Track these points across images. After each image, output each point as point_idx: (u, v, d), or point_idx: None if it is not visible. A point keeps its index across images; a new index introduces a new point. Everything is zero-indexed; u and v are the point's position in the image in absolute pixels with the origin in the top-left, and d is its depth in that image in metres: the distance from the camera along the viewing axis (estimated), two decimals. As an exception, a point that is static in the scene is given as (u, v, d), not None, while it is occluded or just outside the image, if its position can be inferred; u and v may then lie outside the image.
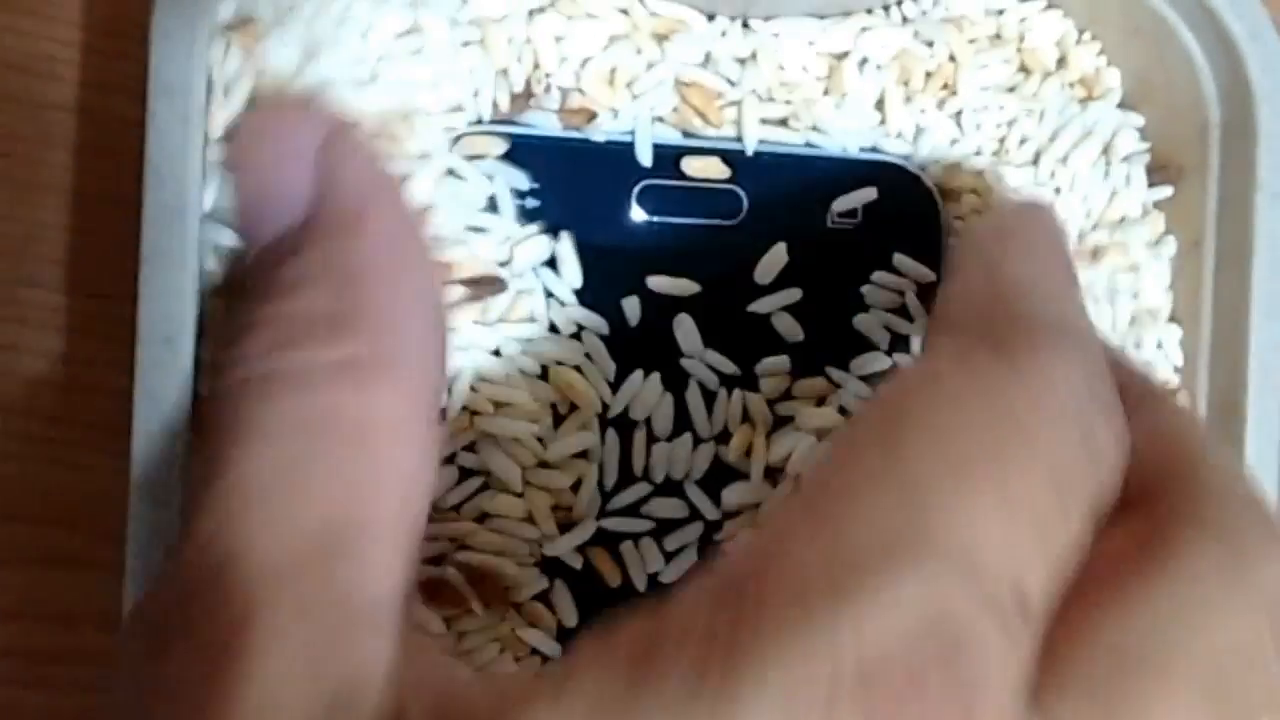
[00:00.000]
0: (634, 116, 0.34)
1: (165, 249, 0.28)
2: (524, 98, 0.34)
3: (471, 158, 0.33)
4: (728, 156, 0.35)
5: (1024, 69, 0.37)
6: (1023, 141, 0.37)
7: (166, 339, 0.28)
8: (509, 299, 0.33)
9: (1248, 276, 0.36)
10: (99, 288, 0.33)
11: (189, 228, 0.28)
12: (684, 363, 0.34)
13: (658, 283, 0.34)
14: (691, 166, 0.35)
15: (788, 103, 0.35)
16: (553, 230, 0.34)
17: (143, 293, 0.28)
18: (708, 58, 0.35)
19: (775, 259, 0.35)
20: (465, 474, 0.33)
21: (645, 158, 0.34)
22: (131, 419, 0.28)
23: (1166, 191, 0.38)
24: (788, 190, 0.35)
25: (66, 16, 0.33)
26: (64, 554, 0.33)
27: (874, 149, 0.36)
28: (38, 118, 0.33)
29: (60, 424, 0.33)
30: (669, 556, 0.34)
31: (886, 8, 0.36)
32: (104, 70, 0.33)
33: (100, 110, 0.33)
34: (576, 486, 0.34)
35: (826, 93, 0.36)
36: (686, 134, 0.35)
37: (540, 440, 0.34)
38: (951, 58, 0.36)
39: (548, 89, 0.34)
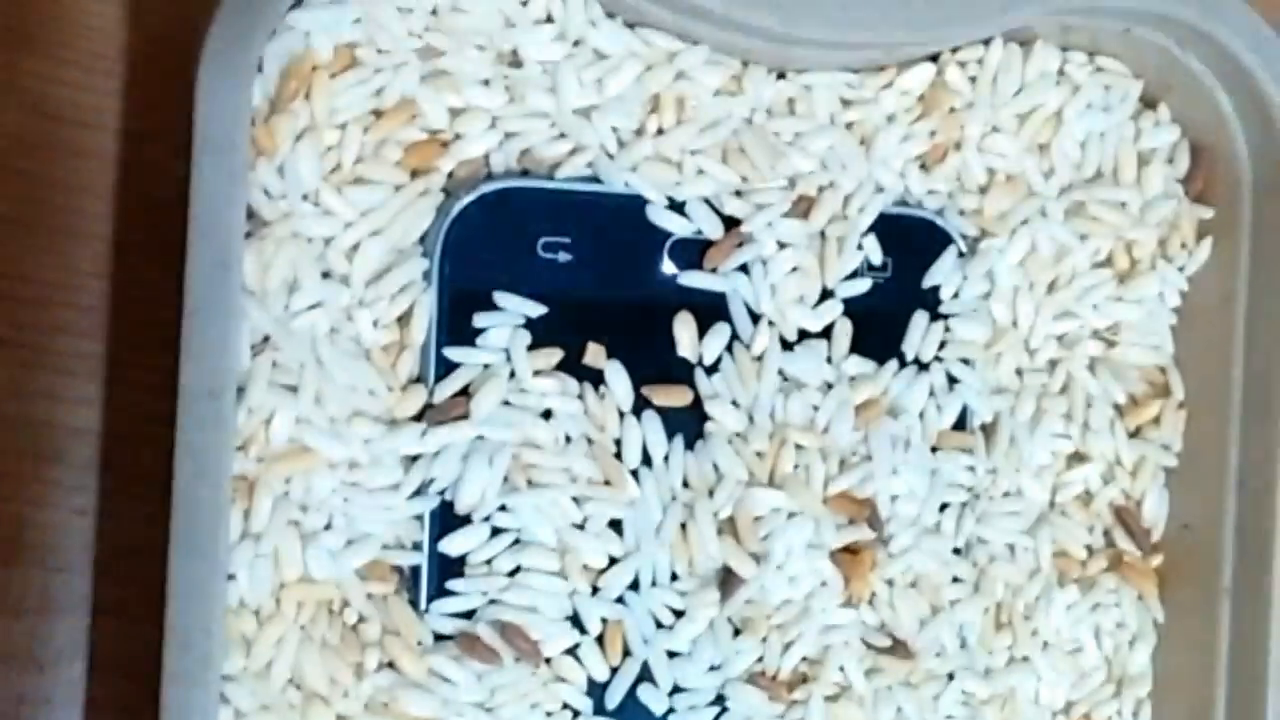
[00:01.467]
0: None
1: (210, 303, 0.28)
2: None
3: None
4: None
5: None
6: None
7: (210, 393, 0.28)
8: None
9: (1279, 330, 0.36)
10: (136, 337, 0.33)
11: (233, 282, 0.28)
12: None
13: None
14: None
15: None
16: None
17: (186, 347, 0.28)
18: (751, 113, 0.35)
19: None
20: (497, 532, 0.33)
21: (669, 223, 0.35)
22: (172, 471, 0.28)
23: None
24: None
25: (105, 67, 0.33)
26: (101, 602, 0.33)
27: (903, 203, 0.36)
28: (76, 167, 0.33)
29: (97, 473, 0.33)
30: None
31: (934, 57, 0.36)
32: (143, 120, 0.33)
33: (139, 160, 0.33)
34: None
35: (862, 143, 0.36)
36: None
37: (576, 502, 0.34)
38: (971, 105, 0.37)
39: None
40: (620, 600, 0.34)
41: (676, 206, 0.35)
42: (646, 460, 0.34)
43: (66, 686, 0.33)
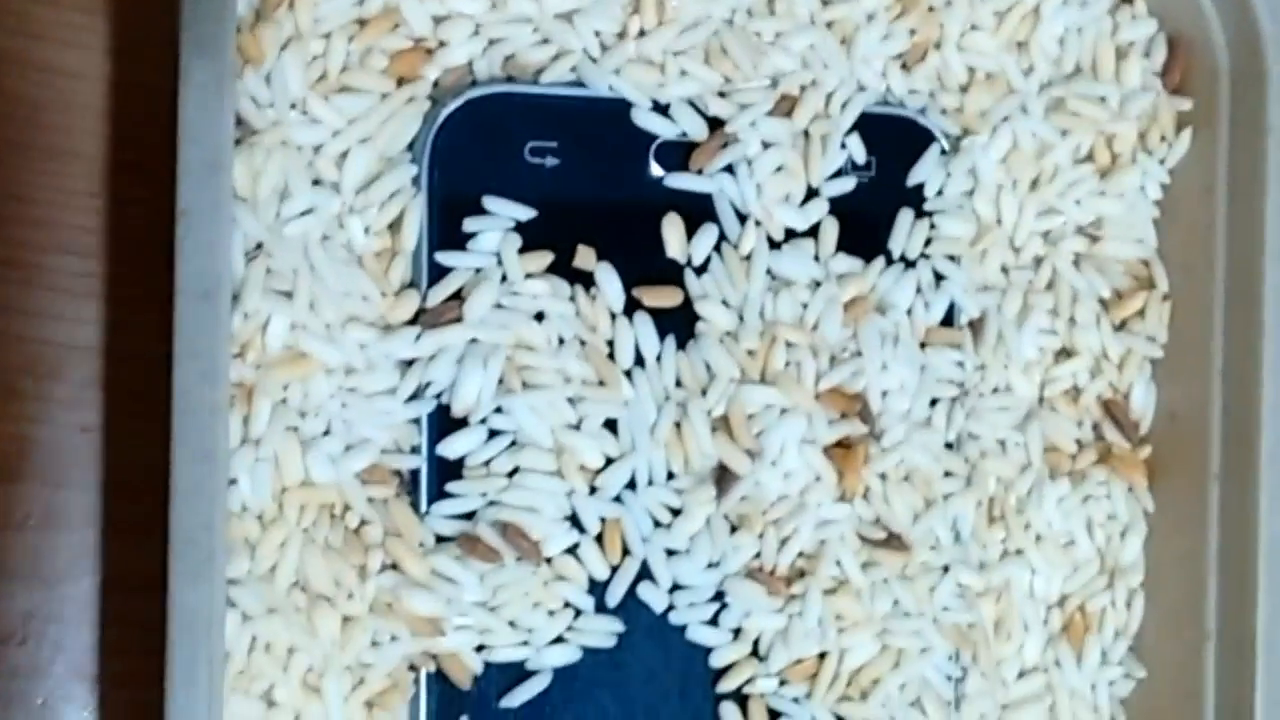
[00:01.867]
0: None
1: (201, 203, 0.28)
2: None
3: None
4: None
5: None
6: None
7: (206, 294, 0.28)
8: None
9: (1261, 221, 0.37)
10: (133, 255, 0.33)
11: (224, 183, 0.28)
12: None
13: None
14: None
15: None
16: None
17: (180, 248, 0.28)
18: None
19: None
20: (494, 434, 0.33)
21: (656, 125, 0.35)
22: (171, 380, 0.29)
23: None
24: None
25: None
26: (109, 518, 0.33)
27: (885, 102, 0.37)
28: (65, 86, 0.33)
29: (99, 390, 0.33)
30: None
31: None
32: (130, 38, 0.33)
33: (128, 79, 0.33)
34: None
35: (843, 42, 0.36)
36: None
37: (571, 403, 0.34)
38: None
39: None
40: (618, 499, 0.34)
41: (661, 109, 0.35)
42: (639, 361, 0.35)
43: (75, 602, 0.34)
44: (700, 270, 0.35)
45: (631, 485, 0.35)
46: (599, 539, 0.34)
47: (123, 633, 0.34)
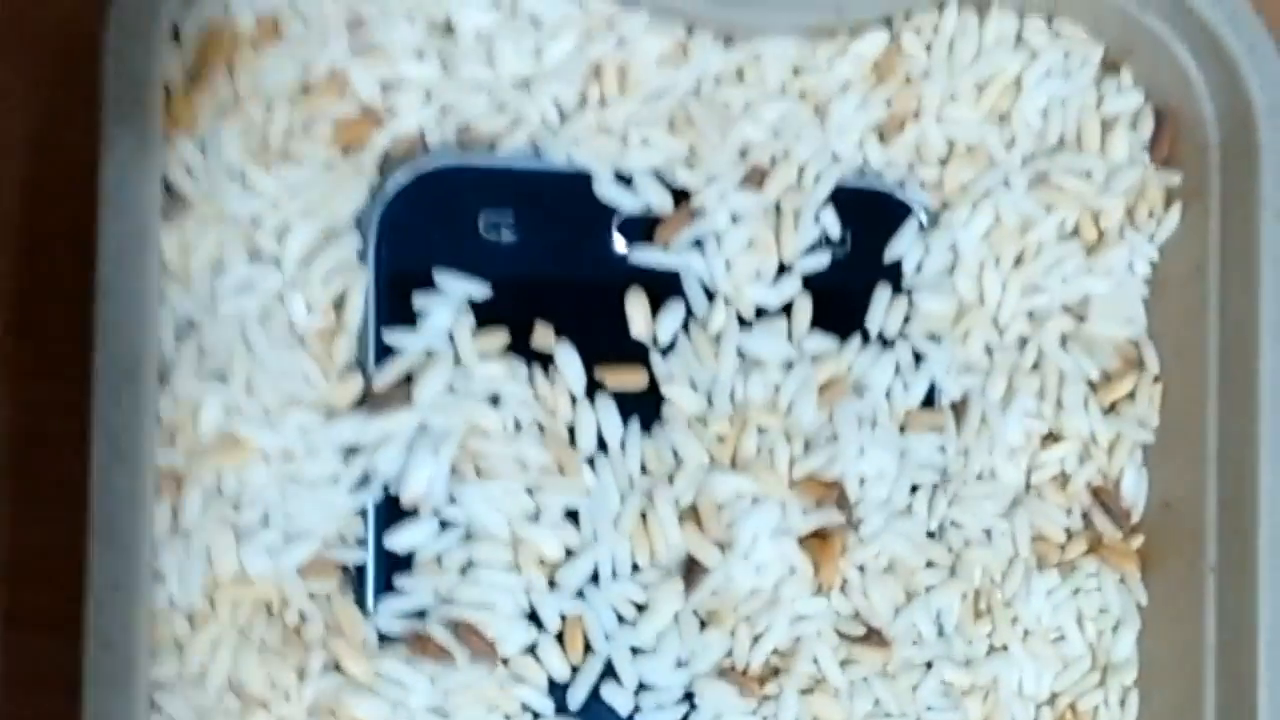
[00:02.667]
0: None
1: (123, 277, 0.26)
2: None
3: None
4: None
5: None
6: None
7: (126, 373, 0.26)
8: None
9: (1255, 299, 0.35)
10: (47, 329, 0.31)
11: (149, 256, 0.26)
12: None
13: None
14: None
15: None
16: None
17: (100, 326, 0.26)
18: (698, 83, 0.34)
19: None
20: (445, 526, 0.32)
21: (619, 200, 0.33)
22: (90, 463, 0.27)
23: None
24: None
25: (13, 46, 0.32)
26: (15, 613, 0.31)
27: (861, 174, 0.35)
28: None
29: (13, 477, 0.31)
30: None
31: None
32: (53, 102, 0.32)
33: (50, 144, 0.32)
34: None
35: (816, 112, 0.35)
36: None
37: (529, 492, 0.32)
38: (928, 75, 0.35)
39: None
40: (579, 595, 0.33)
41: (625, 180, 0.33)
42: (602, 446, 0.33)
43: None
44: (666, 350, 0.33)
45: (594, 579, 0.33)
46: (559, 637, 0.32)
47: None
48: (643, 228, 0.33)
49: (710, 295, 0.34)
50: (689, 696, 0.33)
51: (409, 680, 0.31)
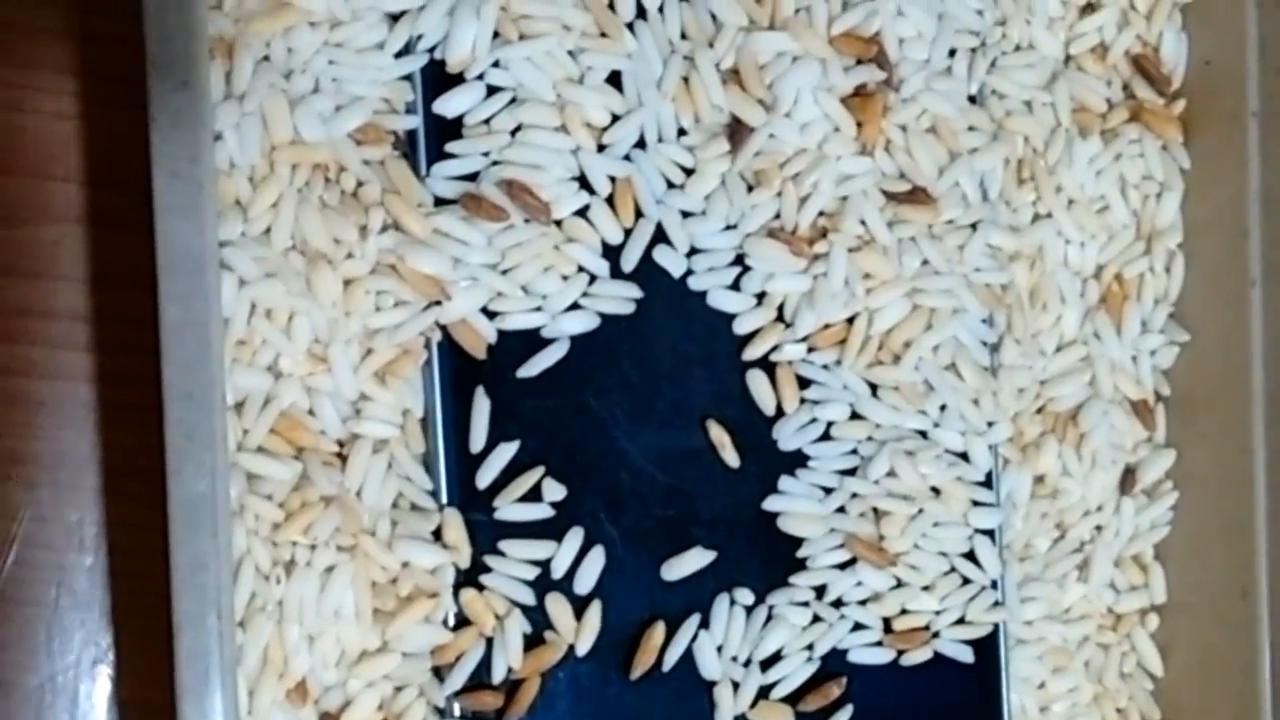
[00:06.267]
0: None
1: None
2: None
3: None
4: None
5: None
6: None
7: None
8: None
9: None
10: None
11: None
12: None
13: None
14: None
15: None
16: None
17: None
18: None
19: None
20: (492, 91, 0.32)
21: None
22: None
23: None
24: None
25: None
26: (97, 211, 0.32)
27: None
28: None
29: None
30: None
31: None
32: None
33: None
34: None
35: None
36: None
37: (571, 54, 0.32)
38: None
39: None
40: (627, 158, 0.33)
41: None
42: (641, 13, 0.33)
43: (68, 296, 0.32)
44: (702, -89, 0.33)
45: (641, 144, 0.33)
46: (610, 200, 0.33)
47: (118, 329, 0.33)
48: None
49: None
50: (740, 258, 0.34)
51: (467, 237, 0.31)
